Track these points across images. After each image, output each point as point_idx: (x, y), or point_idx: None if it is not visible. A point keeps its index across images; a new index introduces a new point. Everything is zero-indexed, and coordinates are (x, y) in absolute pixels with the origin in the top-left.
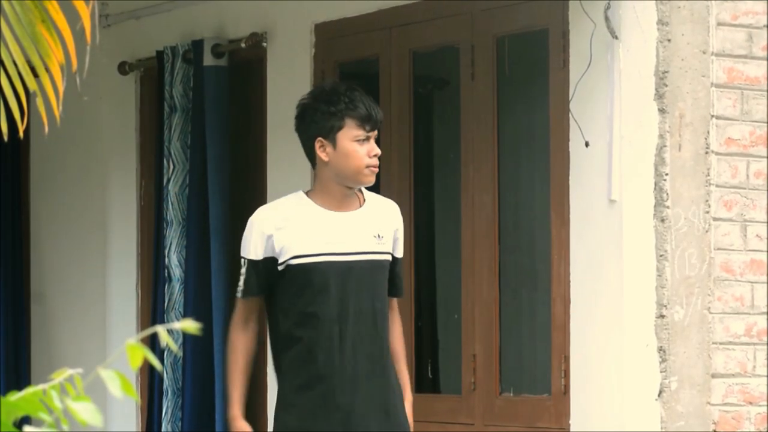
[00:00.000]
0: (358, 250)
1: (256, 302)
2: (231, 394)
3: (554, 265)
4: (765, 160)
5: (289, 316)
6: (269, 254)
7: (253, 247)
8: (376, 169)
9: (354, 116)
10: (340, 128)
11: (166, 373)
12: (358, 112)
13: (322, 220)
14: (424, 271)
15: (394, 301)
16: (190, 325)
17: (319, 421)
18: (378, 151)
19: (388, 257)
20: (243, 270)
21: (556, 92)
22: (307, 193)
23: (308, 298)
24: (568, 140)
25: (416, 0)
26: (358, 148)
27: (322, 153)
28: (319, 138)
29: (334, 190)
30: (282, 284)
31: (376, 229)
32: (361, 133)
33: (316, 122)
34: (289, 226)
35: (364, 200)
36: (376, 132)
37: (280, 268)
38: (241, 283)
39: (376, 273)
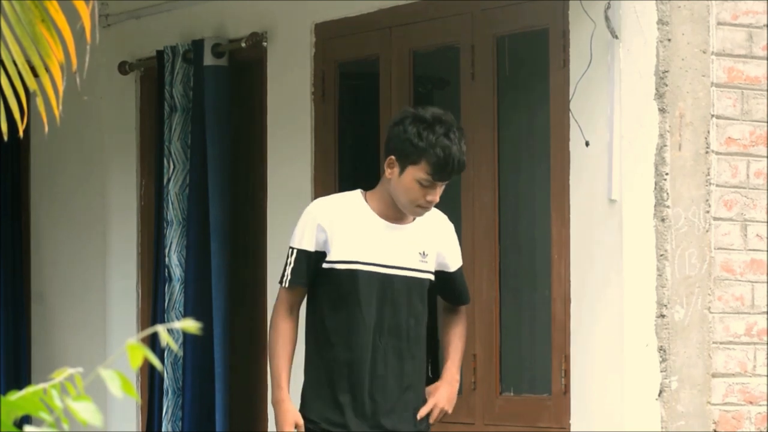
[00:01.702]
0: (400, 264)
1: (301, 293)
2: (279, 376)
3: (554, 265)
4: (765, 159)
5: (326, 316)
6: (320, 248)
7: (307, 238)
8: (426, 211)
9: (430, 162)
10: (413, 163)
11: (167, 373)
12: (436, 160)
13: (374, 228)
14: None
15: (462, 308)
16: (190, 325)
17: (345, 418)
18: (436, 199)
19: (430, 276)
20: (291, 259)
21: (556, 92)
22: (366, 193)
23: (346, 303)
24: (568, 140)
25: (416, 0)
26: (418, 189)
27: (389, 170)
28: (392, 157)
29: (391, 202)
30: (322, 283)
31: (422, 246)
32: (428, 179)
33: (398, 140)
34: (343, 227)
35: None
36: (447, 181)
37: (324, 266)
38: (288, 272)
39: (414, 290)
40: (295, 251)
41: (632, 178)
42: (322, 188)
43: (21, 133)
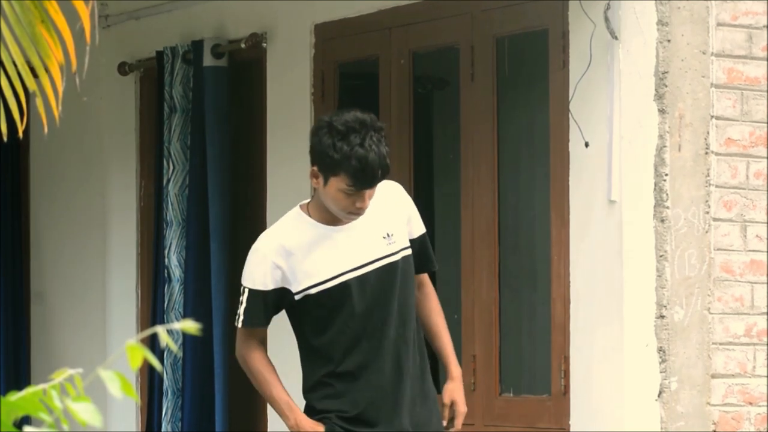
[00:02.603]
0: (369, 259)
1: (261, 333)
2: (284, 401)
3: (554, 266)
4: (765, 160)
5: (313, 338)
6: (280, 285)
7: (260, 277)
8: (357, 217)
9: (348, 173)
10: (333, 174)
11: (166, 374)
12: (353, 171)
13: (327, 239)
14: None
15: (425, 277)
16: (190, 326)
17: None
18: (366, 204)
19: (404, 253)
20: (244, 299)
21: (556, 92)
22: (307, 207)
23: (332, 320)
24: (568, 140)
25: (416, 0)
26: (344, 197)
27: (314, 179)
28: (314, 168)
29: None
30: (303, 311)
31: (383, 229)
32: (350, 189)
33: (316, 152)
34: (298, 254)
35: None
36: (372, 188)
37: (297, 297)
38: (241, 312)
39: (393, 276)
40: (247, 291)
41: (632, 179)
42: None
43: (20, 134)
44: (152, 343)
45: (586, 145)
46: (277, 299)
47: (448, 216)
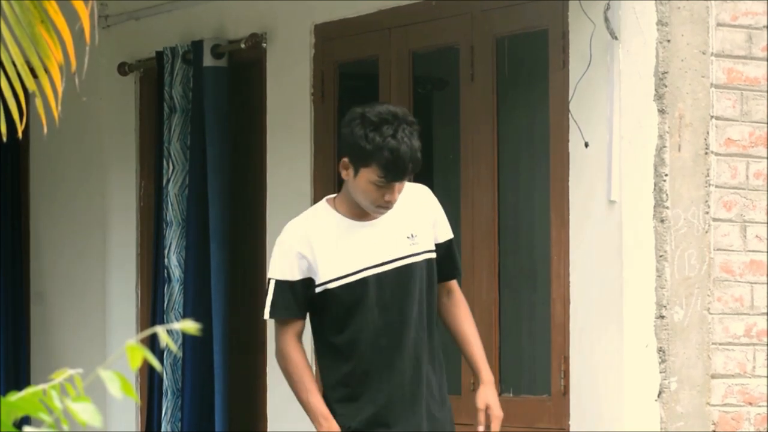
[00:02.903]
0: (392, 257)
1: (297, 325)
2: (318, 410)
3: (554, 266)
4: (765, 160)
5: (332, 335)
6: (306, 275)
7: (287, 268)
8: (386, 210)
9: (380, 164)
10: (364, 165)
11: (166, 374)
12: (385, 162)
13: (351, 233)
14: None
15: (453, 284)
16: (190, 326)
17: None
18: (395, 197)
19: (427, 255)
20: (270, 290)
21: (556, 93)
22: (334, 199)
23: (351, 317)
24: (568, 141)
25: (416, 0)
26: (374, 190)
27: (344, 171)
28: (345, 159)
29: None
30: (322, 307)
31: (407, 229)
32: (381, 181)
33: (348, 143)
34: (322, 246)
35: None
36: (402, 181)
37: (317, 290)
38: (268, 303)
39: (414, 277)
40: (273, 282)
41: (632, 179)
42: (321, 189)
43: (20, 134)
44: (152, 343)
45: (586, 145)
46: (305, 289)
47: (448, 216)
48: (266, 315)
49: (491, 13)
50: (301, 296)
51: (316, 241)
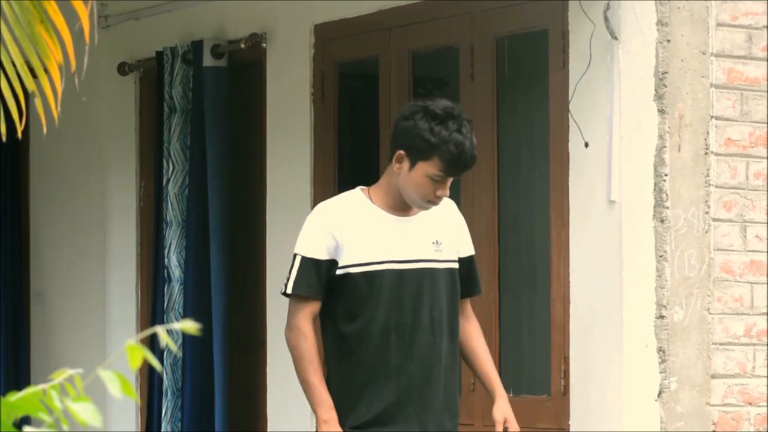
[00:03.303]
0: (414, 258)
1: (313, 304)
2: (323, 394)
3: (554, 266)
4: (765, 160)
5: (343, 323)
6: (333, 256)
7: (315, 245)
8: (434, 206)
9: (443, 158)
10: (424, 159)
11: (166, 374)
12: (450, 156)
13: (383, 225)
14: None
15: (466, 303)
16: (190, 326)
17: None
18: (446, 193)
19: (450, 264)
20: (294, 266)
21: (556, 93)
22: (369, 190)
23: (364, 306)
24: (568, 141)
25: (416, 0)
26: (429, 184)
27: (397, 164)
28: (401, 151)
29: (397, 195)
30: (339, 292)
31: (433, 235)
32: (440, 175)
33: (409, 135)
34: (353, 230)
35: None
36: (458, 176)
37: (338, 272)
38: (291, 278)
39: (433, 281)
40: (299, 258)
41: (631, 179)
42: (321, 189)
43: (19, 135)
44: (152, 343)
45: (586, 145)
46: (328, 271)
47: None
48: (289, 289)
49: (491, 13)
50: (324, 277)
51: (346, 224)
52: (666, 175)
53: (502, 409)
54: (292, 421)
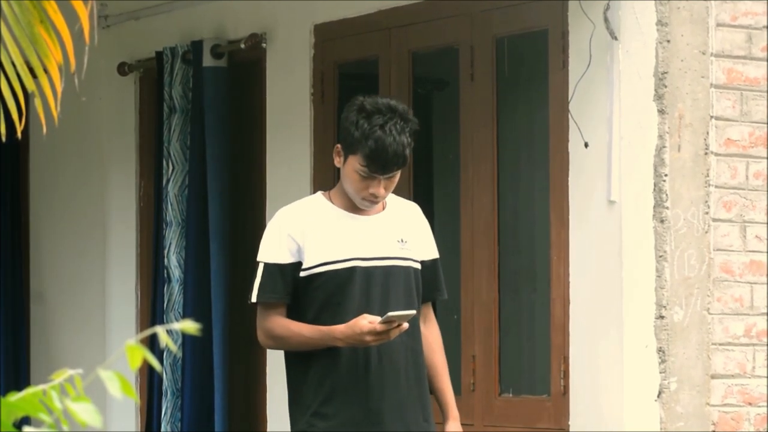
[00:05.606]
0: (381, 255)
1: (281, 310)
2: (317, 329)
3: (554, 266)
4: (764, 161)
5: (311, 323)
6: (297, 258)
7: (276, 250)
8: (373, 205)
9: (363, 153)
10: (351, 153)
11: (166, 374)
12: (368, 151)
13: (343, 224)
14: None
15: (431, 309)
16: (190, 326)
17: (354, 425)
18: (380, 192)
19: (415, 264)
20: (258, 274)
21: (556, 93)
22: (329, 192)
23: (330, 306)
24: (568, 141)
25: (416, 0)
26: (359, 179)
27: (336, 158)
28: (338, 145)
29: None
30: (304, 292)
31: (399, 233)
32: (364, 170)
33: (341, 129)
34: (313, 231)
35: (386, 203)
36: (386, 175)
37: (303, 274)
38: (255, 286)
39: (400, 279)
40: (261, 265)
41: (631, 180)
42: (321, 189)
43: (19, 135)
44: (152, 343)
45: (586, 145)
46: (293, 273)
47: (448, 216)
48: (253, 298)
49: (491, 13)
50: (289, 280)
51: (307, 226)
52: (666, 175)
53: (453, 429)
54: None
